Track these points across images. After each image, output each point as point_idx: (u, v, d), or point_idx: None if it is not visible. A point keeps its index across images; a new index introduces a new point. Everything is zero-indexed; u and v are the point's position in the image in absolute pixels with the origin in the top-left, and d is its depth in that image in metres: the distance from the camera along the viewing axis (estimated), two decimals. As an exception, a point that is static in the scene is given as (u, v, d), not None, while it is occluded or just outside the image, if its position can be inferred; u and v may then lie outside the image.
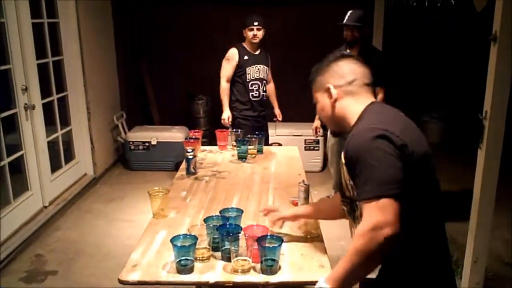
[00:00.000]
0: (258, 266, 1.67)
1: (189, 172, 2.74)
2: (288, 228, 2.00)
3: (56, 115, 4.41)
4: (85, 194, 4.70)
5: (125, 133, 5.59)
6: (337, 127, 1.57)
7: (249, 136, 3.12)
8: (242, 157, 3.03)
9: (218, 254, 1.76)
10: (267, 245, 1.67)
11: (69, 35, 4.52)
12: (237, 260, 1.66)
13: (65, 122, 4.67)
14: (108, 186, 5.02)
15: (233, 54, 4.00)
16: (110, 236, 3.84)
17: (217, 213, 1.97)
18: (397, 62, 5.72)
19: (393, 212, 1.24)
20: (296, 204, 2.20)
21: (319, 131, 4.28)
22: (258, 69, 4.04)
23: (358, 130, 1.38)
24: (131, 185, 5.02)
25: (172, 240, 1.65)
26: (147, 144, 5.42)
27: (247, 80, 4.03)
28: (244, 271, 1.65)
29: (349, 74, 1.50)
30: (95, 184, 4.99)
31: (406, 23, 5.12)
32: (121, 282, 1.63)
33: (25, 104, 3.78)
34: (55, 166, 4.39)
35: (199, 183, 2.62)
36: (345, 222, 1.64)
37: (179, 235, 1.73)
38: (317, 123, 4.22)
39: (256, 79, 4.04)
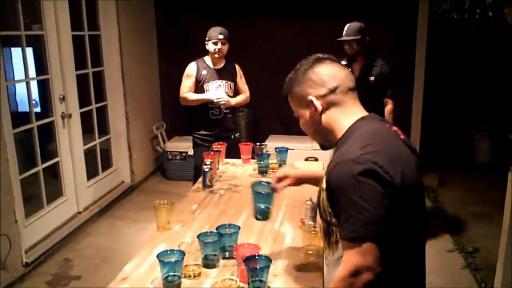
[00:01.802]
0: (247, 286, 1.61)
1: (205, 185, 2.72)
2: (290, 240, 1.94)
3: (94, 124, 4.56)
4: (120, 202, 4.82)
5: (164, 143, 5.70)
6: (326, 141, 1.44)
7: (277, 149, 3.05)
8: (262, 171, 2.98)
9: (209, 271, 1.72)
10: (258, 265, 1.62)
11: (110, 47, 4.68)
12: (224, 279, 1.61)
13: (104, 131, 4.82)
14: (144, 194, 5.12)
15: (191, 69, 3.68)
16: (137, 244, 3.87)
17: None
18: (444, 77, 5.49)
19: (375, 256, 1.18)
20: (303, 223, 2.12)
21: None
22: (220, 85, 3.68)
23: (343, 158, 1.25)
24: (166, 194, 5.08)
25: (158, 256, 1.63)
26: (184, 154, 5.49)
27: None
28: (231, 291, 1.60)
29: (329, 81, 1.35)
30: (131, 192, 5.10)
31: (449, 36, 4.91)
32: (107, 294, 1.63)
33: (62, 113, 3.93)
34: (92, 173, 4.54)
35: (212, 196, 2.60)
36: None
37: (167, 250, 1.70)
38: None
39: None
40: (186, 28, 6.11)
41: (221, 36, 3.60)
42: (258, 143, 3.22)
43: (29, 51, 5.58)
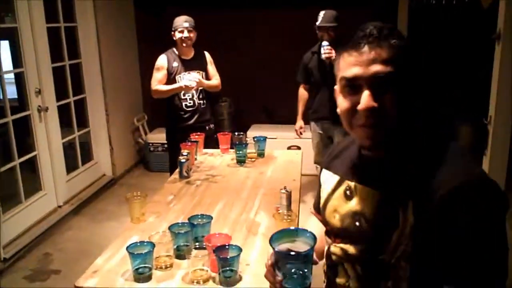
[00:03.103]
0: (217, 276, 1.61)
1: (182, 176, 2.71)
2: (264, 229, 1.95)
3: (73, 116, 4.50)
4: (102, 195, 4.77)
5: (146, 134, 5.65)
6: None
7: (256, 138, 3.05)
8: (240, 161, 2.97)
9: (181, 262, 1.72)
10: (229, 255, 1.61)
11: (87, 39, 4.60)
12: (195, 270, 1.61)
13: (84, 124, 4.76)
14: (126, 187, 5.07)
15: (161, 62, 3.63)
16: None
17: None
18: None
19: None
20: (278, 211, 2.12)
21: (304, 131, 4.21)
22: (191, 76, 3.61)
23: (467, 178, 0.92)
24: (148, 186, 5.04)
25: (128, 248, 1.62)
26: (166, 145, 5.43)
27: None
28: (202, 281, 1.60)
29: None
30: (113, 185, 5.06)
31: (428, 23, 4.92)
32: (77, 288, 1.61)
33: (39, 106, 3.87)
34: (71, 166, 4.49)
35: (189, 187, 2.58)
36: None
37: (137, 242, 1.69)
38: (300, 122, 4.18)
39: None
40: (166, 18, 6.03)
41: (186, 24, 3.55)
42: (236, 133, 3.21)
43: (5, 44, 5.51)
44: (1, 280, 3.21)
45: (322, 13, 3.75)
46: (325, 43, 3.65)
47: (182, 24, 3.56)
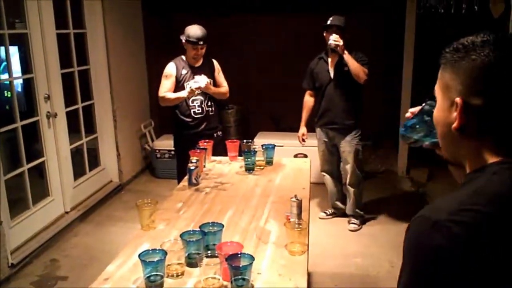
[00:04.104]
0: (230, 285, 1.60)
1: (190, 183, 2.70)
2: (275, 238, 1.94)
3: (81, 123, 4.52)
4: (109, 201, 4.78)
5: (153, 141, 5.66)
6: None
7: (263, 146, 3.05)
8: (249, 169, 2.97)
9: (193, 270, 1.71)
10: (241, 263, 1.61)
11: (95, 45, 4.63)
12: (207, 278, 1.60)
13: (91, 130, 4.78)
14: (133, 193, 5.08)
15: (170, 69, 3.63)
16: (125, 244, 3.85)
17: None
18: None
19: None
20: (288, 220, 2.11)
21: (306, 138, 4.19)
22: (199, 78, 3.58)
23: None
24: (155, 192, 5.05)
25: (140, 255, 1.61)
26: (172, 152, 5.44)
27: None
28: (214, 290, 1.59)
29: None
30: (120, 191, 5.06)
31: (436, 31, 4.92)
32: (88, 295, 1.61)
33: (48, 112, 3.89)
34: (79, 172, 4.50)
35: (198, 194, 2.58)
36: (362, 238, 1.48)
37: (149, 250, 1.69)
38: (303, 130, 4.16)
39: (196, 94, 3.57)
40: (174, 24, 6.07)
41: (201, 42, 3.54)
42: (245, 140, 3.20)
43: (15, 50, 5.54)
44: (9, 285, 3.21)
45: (330, 18, 3.79)
46: (334, 35, 3.66)
47: (197, 42, 3.52)
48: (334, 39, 3.64)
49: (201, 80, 3.52)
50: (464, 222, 0.81)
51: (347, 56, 3.68)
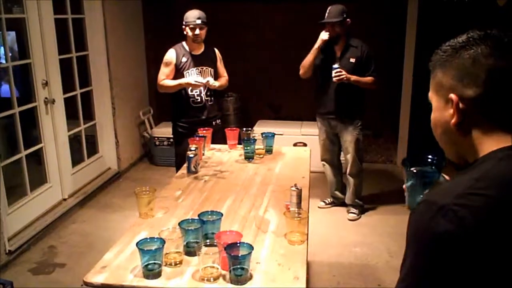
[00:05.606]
0: (228, 274, 1.58)
1: (189, 171, 2.68)
2: (274, 227, 1.93)
3: (79, 109, 4.48)
4: (107, 188, 4.76)
5: (151, 128, 5.63)
6: None
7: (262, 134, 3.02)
8: (248, 157, 2.94)
9: (191, 259, 1.69)
10: (240, 253, 1.59)
11: (94, 31, 4.57)
12: (205, 267, 1.58)
13: (90, 116, 4.74)
14: (131, 180, 5.06)
15: (170, 56, 3.56)
16: (123, 232, 3.83)
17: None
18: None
19: None
20: (288, 209, 2.09)
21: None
22: (200, 72, 3.57)
23: None
24: (153, 180, 5.03)
25: (138, 244, 1.59)
26: (171, 140, 5.40)
27: None
28: (213, 279, 1.57)
29: None
30: (118, 178, 5.04)
31: (440, 19, 4.86)
32: (85, 284, 1.59)
33: (45, 98, 3.85)
34: (77, 159, 4.47)
35: (197, 182, 2.56)
36: (361, 228, 1.48)
37: (147, 238, 1.67)
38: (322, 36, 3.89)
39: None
40: (173, 10, 5.99)
41: (198, 21, 3.47)
42: (244, 128, 3.18)
43: (11, 35, 5.49)
44: (6, 272, 3.20)
45: (328, 9, 3.74)
46: (335, 65, 3.65)
47: (195, 21, 3.47)
48: (337, 75, 3.63)
49: (202, 81, 3.47)
50: (472, 206, 0.80)
51: (354, 79, 3.70)
